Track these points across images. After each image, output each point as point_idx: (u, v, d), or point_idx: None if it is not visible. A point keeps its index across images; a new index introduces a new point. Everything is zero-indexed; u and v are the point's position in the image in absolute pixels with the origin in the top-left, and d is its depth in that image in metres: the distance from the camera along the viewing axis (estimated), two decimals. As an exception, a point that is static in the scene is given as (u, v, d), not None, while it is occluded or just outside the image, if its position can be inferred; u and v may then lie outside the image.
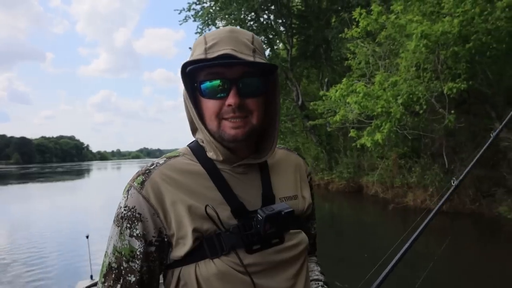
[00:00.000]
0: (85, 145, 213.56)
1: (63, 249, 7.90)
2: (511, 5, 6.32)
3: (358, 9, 7.96)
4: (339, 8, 14.58)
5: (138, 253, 0.73)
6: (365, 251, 6.19)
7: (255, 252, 0.73)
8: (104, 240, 0.79)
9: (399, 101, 6.61)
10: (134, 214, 0.72)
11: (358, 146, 8.20)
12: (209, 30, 17.43)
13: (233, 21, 15.19)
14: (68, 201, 17.81)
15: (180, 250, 0.73)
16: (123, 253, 0.73)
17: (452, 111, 6.56)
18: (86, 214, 13.32)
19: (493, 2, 6.71)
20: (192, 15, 15.77)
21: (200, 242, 0.72)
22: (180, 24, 15.98)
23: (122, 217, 0.73)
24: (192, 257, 0.72)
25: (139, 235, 0.72)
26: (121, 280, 0.72)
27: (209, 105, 0.75)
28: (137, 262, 0.73)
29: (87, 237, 4.17)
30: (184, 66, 0.76)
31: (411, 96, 6.66)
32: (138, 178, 0.75)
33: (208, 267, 0.71)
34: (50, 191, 24.92)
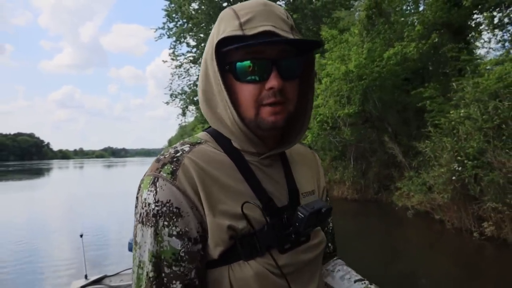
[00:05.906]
0: (46, 143, 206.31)
1: (49, 248, 7.80)
2: (391, 57, 9.35)
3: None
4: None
5: (182, 255, 0.62)
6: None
7: (286, 252, 0.67)
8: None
9: (317, 120, 9.50)
10: (171, 209, 0.62)
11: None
12: (181, 46, 19.79)
13: (203, 40, 17.67)
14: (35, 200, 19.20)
15: (213, 251, 0.64)
16: (163, 257, 0.61)
17: (348, 128, 9.54)
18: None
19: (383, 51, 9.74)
20: (165, 33, 18.08)
21: (233, 242, 0.64)
22: (156, 41, 18.22)
23: (154, 215, 0.62)
24: (225, 258, 0.64)
25: (181, 233, 0.62)
26: None
27: (247, 90, 0.66)
28: (182, 265, 0.61)
29: (81, 236, 4.10)
30: (217, 45, 0.66)
31: (325, 116, 9.57)
32: (166, 167, 0.64)
33: (243, 270, 0.64)
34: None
